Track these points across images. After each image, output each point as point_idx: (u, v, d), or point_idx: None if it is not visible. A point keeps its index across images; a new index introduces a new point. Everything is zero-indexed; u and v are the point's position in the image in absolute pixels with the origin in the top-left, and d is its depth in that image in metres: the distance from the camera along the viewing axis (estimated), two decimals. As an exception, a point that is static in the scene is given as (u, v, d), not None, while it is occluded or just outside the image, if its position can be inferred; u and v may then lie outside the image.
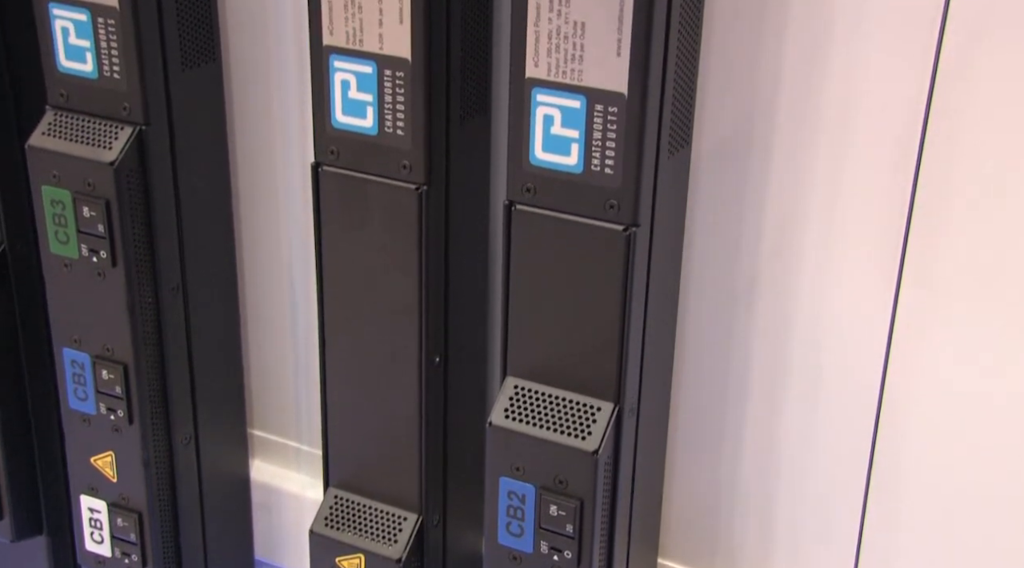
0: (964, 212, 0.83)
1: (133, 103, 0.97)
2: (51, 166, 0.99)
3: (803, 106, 0.86)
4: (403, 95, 0.87)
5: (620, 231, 0.81)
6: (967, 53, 0.79)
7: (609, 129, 0.78)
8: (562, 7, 0.77)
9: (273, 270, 1.16)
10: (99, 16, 0.94)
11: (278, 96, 1.08)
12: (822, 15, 0.83)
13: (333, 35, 0.88)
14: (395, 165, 0.90)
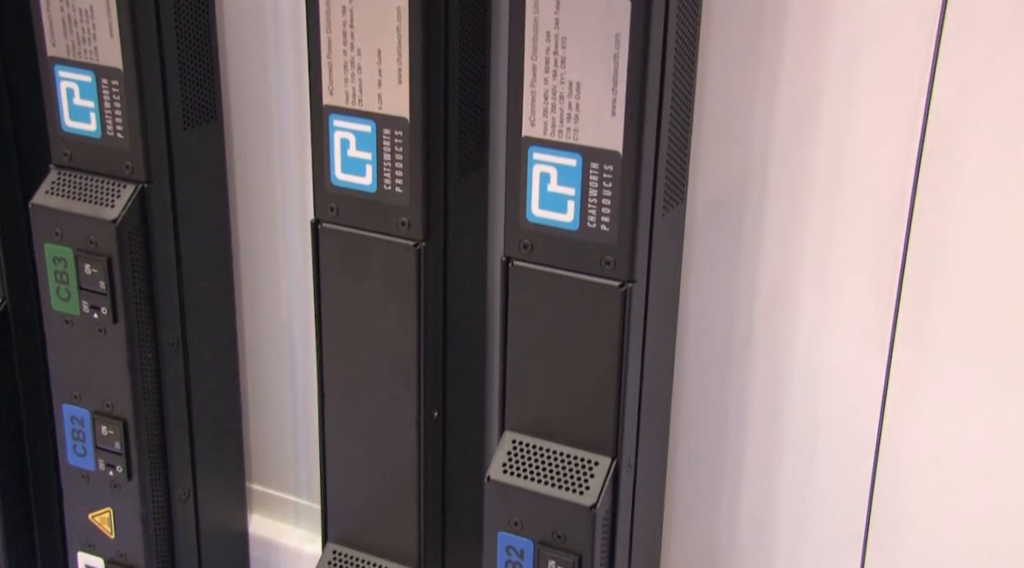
0: (956, 269, 0.84)
1: (135, 161, 0.98)
2: (54, 224, 1.00)
3: (795, 165, 0.87)
4: (402, 153, 0.88)
5: (616, 287, 0.81)
6: (956, 113, 0.81)
7: (605, 187, 0.80)
8: (558, 67, 0.79)
9: (273, 325, 1.17)
10: (103, 77, 0.96)
11: (278, 154, 1.09)
12: (813, 76, 0.84)
13: (333, 95, 0.89)
14: (394, 222, 0.91)
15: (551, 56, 0.78)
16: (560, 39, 0.78)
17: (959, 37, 0.79)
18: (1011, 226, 0.81)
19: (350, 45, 0.87)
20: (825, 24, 0.83)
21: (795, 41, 0.84)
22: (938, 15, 0.79)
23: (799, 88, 0.85)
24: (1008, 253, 0.82)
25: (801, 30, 0.84)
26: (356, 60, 0.87)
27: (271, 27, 1.04)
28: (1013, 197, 0.81)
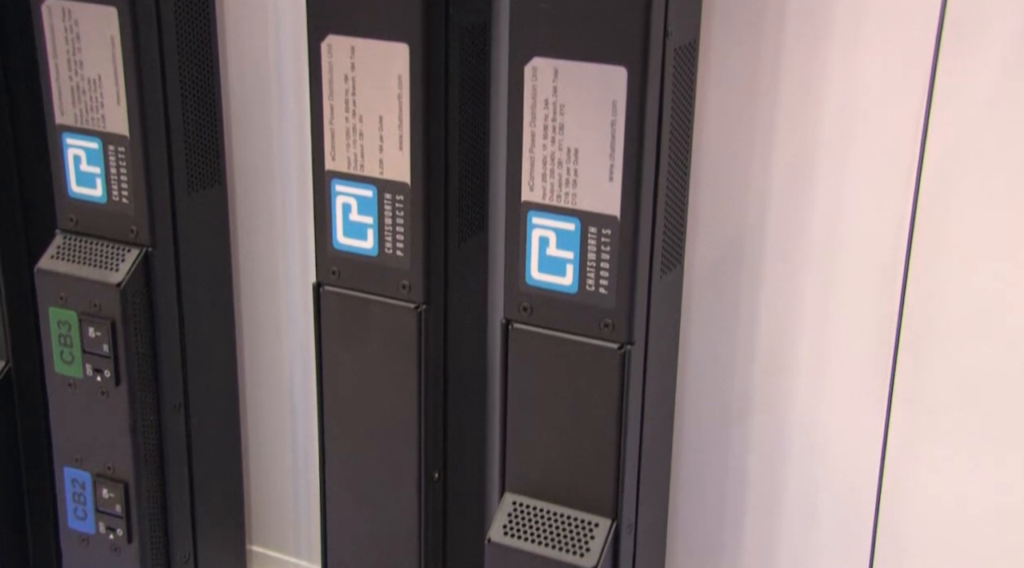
0: (951, 331, 0.85)
1: (140, 226, 0.99)
2: (59, 288, 1.01)
3: (791, 228, 0.88)
4: (403, 218, 0.90)
5: (615, 349, 0.82)
6: (947, 180, 0.82)
7: (603, 250, 0.81)
8: (556, 134, 0.80)
9: (274, 387, 1.17)
10: (110, 144, 0.98)
11: (281, 217, 1.11)
12: (807, 142, 0.86)
13: (335, 161, 0.91)
14: (395, 285, 0.92)
15: (549, 123, 0.80)
16: (558, 106, 0.79)
17: (948, 107, 0.81)
18: (1004, 290, 0.82)
19: (352, 112, 0.89)
20: (818, 92, 0.84)
21: (789, 107, 0.86)
22: (927, 83, 0.81)
23: (793, 153, 0.87)
24: (1002, 315, 0.83)
25: (795, 97, 0.85)
26: (358, 127, 0.89)
27: (275, 93, 1.06)
28: (1005, 261, 0.82)
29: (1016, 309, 0.82)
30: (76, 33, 0.95)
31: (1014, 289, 0.82)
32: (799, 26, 0.84)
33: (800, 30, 0.84)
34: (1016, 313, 0.82)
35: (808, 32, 0.83)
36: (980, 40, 0.78)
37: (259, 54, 1.05)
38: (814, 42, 0.83)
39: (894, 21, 0.81)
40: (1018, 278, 0.82)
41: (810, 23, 0.83)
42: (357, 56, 0.87)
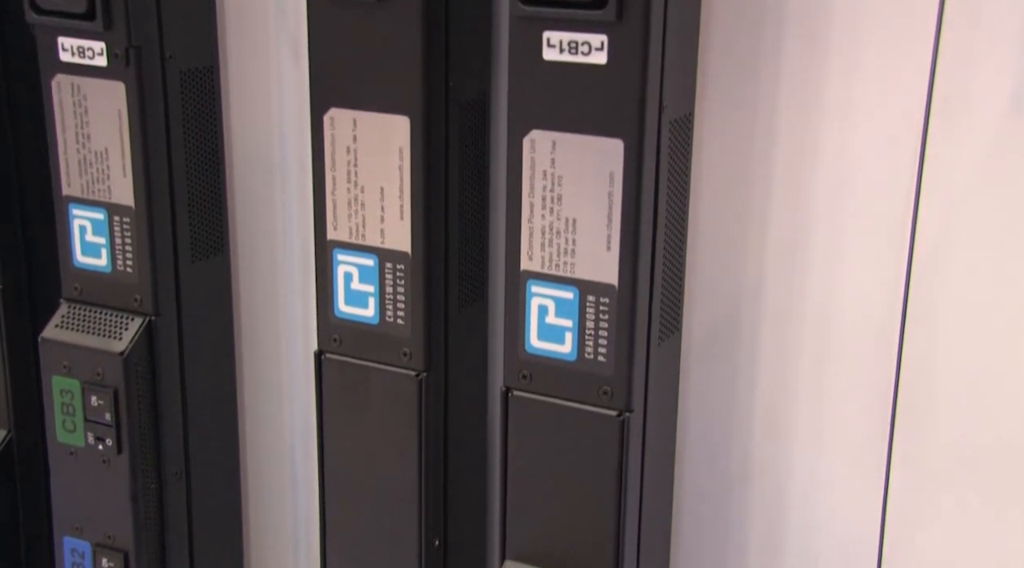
0: (947, 396, 0.85)
1: (144, 295, 1.00)
2: (63, 357, 1.02)
3: (787, 295, 0.89)
4: (403, 286, 0.91)
5: (614, 417, 0.83)
6: (939, 247, 0.83)
7: (601, 318, 0.82)
8: (554, 204, 0.82)
9: (275, 453, 1.17)
10: (115, 214, 0.99)
11: (283, 285, 1.12)
12: (802, 210, 0.87)
13: (337, 230, 0.92)
14: (396, 353, 0.93)
15: (548, 193, 0.81)
16: (556, 177, 0.81)
17: (939, 176, 0.82)
18: (999, 354, 0.83)
19: (354, 183, 0.90)
20: (811, 162, 0.86)
21: (784, 176, 0.87)
22: (919, 153, 0.83)
23: (788, 221, 0.88)
24: (998, 379, 0.84)
25: (789, 166, 0.87)
26: (359, 197, 0.91)
27: (277, 164, 1.08)
28: (1000, 326, 0.83)
29: (1012, 373, 0.83)
30: (84, 107, 0.97)
31: (1009, 353, 0.83)
32: (792, 97, 0.85)
33: (793, 100, 0.86)
34: (1012, 377, 0.83)
35: (800, 103, 0.85)
36: (969, 112, 0.80)
37: (262, 126, 1.07)
38: (807, 113, 0.85)
39: (885, 91, 0.83)
40: (1012, 342, 0.83)
41: (802, 94, 0.85)
42: (359, 129, 0.89)
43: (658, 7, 0.76)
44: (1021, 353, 0.83)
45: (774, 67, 0.85)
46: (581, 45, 0.77)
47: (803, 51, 0.84)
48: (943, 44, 0.80)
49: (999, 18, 0.78)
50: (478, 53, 0.92)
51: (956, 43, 0.80)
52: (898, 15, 0.81)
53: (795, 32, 0.84)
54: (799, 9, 0.83)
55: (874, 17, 0.81)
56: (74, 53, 0.96)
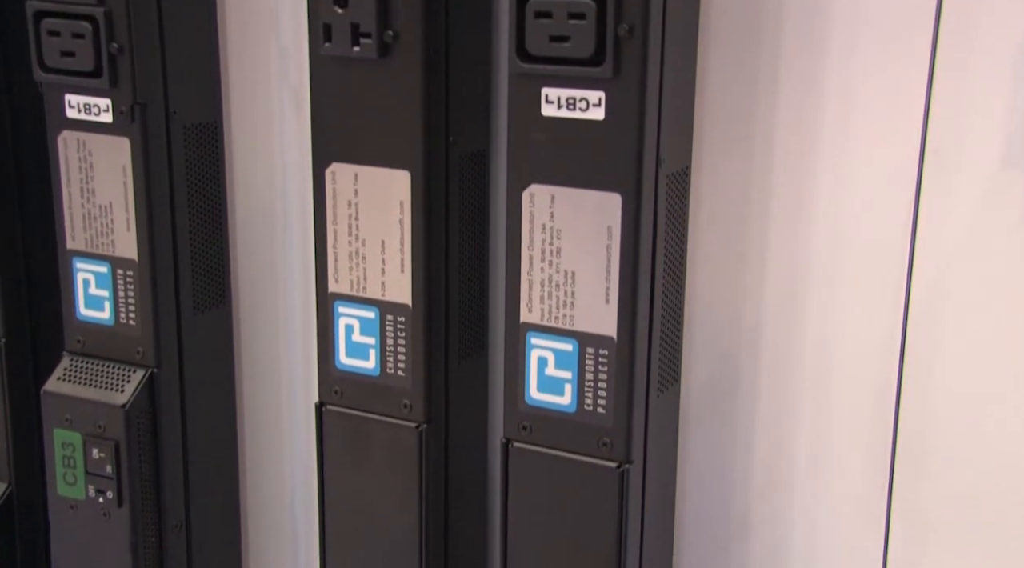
0: (946, 447, 0.86)
1: (146, 347, 1.01)
2: (64, 410, 1.02)
3: (785, 346, 0.90)
4: (404, 338, 0.91)
5: (614, 468, 0.83)
6: (936, 297, 0.84)
7: (600, 370, 0.82)
8: (553, 258, 0.83)
9: (275, 505, 1.17)
10: (119, 268, 1.00)
11: (284, 337, 1.12)
12: (799, 263, 0.88)
13: (338, 283, 0.93)
14: (396, 404, 0.93)
15: (547, 247, 0.82)
16: (555, 231, 0.82)
17: (933, 227, 0.83)
18: (997, 404, 0.84)
19: (355, 236, 0.91)
20: (807, 213, 0.87)
21: (780, 228, 0.88)
22: (912, 205, 0.84)
23: (785, 271, 0.89)
24: (997, 429, 0.84)
25: (785, 218, 0.88)
26: (360, 250, 0.91)
27: (279, 217, 1.09)
28: (997, 374, 0.83)
29: (1010, 424, 0.83)
30: (89, 162, 0.99)
31: (1006, 404, 0.83)
32: (787, 149, 0.87)
33: (788, 153, 0.87)
34: (1011, 428, 0.83)
35: (795, 155, 0.86)
36: (961, 166, 0.82)
37: (265, 179, 1.08)
38: (802, 166, 0.86)
39: (879, 144, 0.84)
40: (1010, 393, 0.83)
41: (797, 146, 0.86)
42: (360, 183, 0.90)
43: (654, 64, 0.78)
44: (1019, 404, 0.83)
45: (769, 120, 0.87)
46: (579, 101, 0.79)
47: (797, 104, 0.86)
48: (934, 99, 0.81)
49: (989, 74, 0.79)
50: (478, 108, 0.94)
51: (947, 99, 0.81)
52: (890, 71, 0.82)
53: (790, 85, 0.85)
54: (793, 64, 0.85)
55: (867, 72, 0.83)
56: (80, 110, 0.97)
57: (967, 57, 0.80)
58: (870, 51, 0.82)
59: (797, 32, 0.84)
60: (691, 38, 0.84)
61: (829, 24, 0.83)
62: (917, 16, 0.80)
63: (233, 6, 1.05)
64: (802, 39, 0.84)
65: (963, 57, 0.80)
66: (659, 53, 0.78)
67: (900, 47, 0.81)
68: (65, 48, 0.94)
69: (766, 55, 0.86)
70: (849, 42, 0.83)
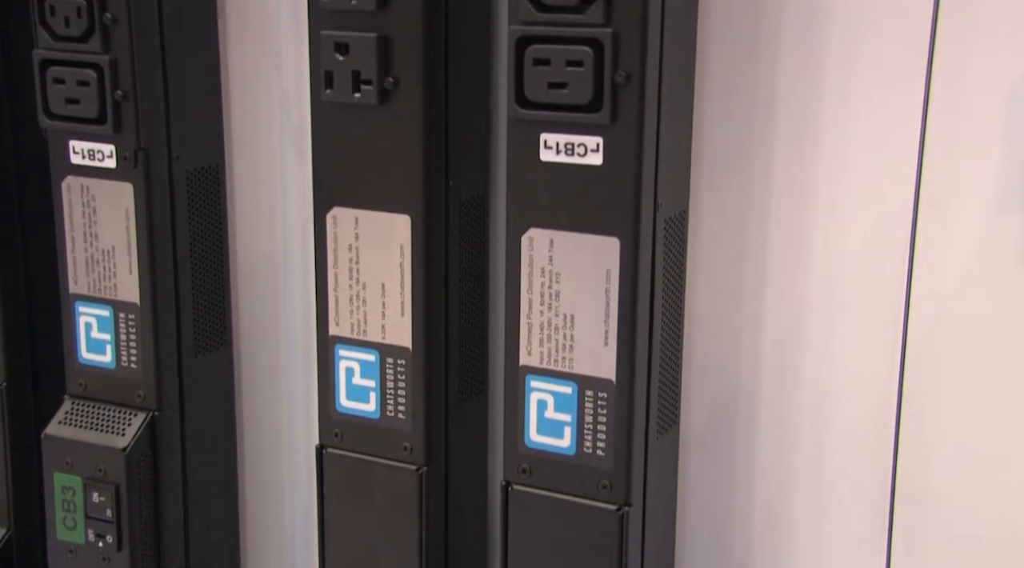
0: (945, 484, 0.86)
1: (147, 390, 1.01)
2: (65, 453, 1.02)
3: (783, 387, 0.90)
4: (404, 381, 0.92)
5: (614, 511, 0.83)
6: (933, 339, 0.85)
7: (600, 413, 0.83)
8: (552, 301, 0.83)
9: (276, 549, 1.17)
10: (121, 311, 1.01)
11: (285, 381, 1.13)
12: (796, 304, 0.89)
13: (339, 326, 0.94)
14: (397, 447, 0.93)
15: (546, 290, 0.83)
16: (554, 274, 0.83)
17: (930, 269, 0.84)
18: (995, 443, 0.84)
19: (355, 279, 0.92)
20: (806, 257, 0.88)
21: (777, 271, 0.89)
22: (908, 248, 0.84)
23: (783, 315, 0.89)
24: (995, 469, 0.84)
25: (782, 262, 0.89)
26: (361, 294, 0.92)
27: (280, 261, 1.10)
28: (994, 414, 0.84)
29: (1009, 465, 0.84)
30: (93, 207, 1.00)
31: (1005, 444, 0.84)
32: (783, 192, 0.88)
33: (784, 196, 0.88)
34: (1009, 469, 0.84)
35: (791, 198, 0.87)
36: (957, 210, 0.82)
37: (266, 223, 1.09)
38: (798, 207, 0.87)
39: (874, 188, 0.85)
40: (1008, 434, 0.83)
41: (793, 189, 0.87)
42: (361, 226, 0.91)
43: (651, 110, 0.79)
44: (1017, 445, 0.83)
45: (766, 164, 0.88)
46: (577, 147, 0.80)
47: (793, 147, 0.87)
48: (929, 141, 0.82)
49: (983, 116, 0.80)
50: (477, 153, 0.95)
51: (941, 141, 0.82)
52: (884, 114, 0.83)
53: (785, 128, 0.87)
54: (789, 105, 0.86)
55: (861, 115, 0.84)
56: (84, 155, 0.98)
57: (961, 99, 0.81)
58: (864, 93, 0.83)
59: (792, 74, 0.85)
60: (688, 83, 0.86)
61: (824, 67, 0.84)
62: (911, 58, 0.82)
63: (235, 52, 1.06)
64: (797, 81, 0.85)
65: (957, 99, 0.81)
66: (656, 99, 0.79)
67: (894, 89, 0.82)
68: (70, 95, 0.96)
69: (762, 97, 0.87)
70: (844, 83, 0.84)
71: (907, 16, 0.81)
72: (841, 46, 0.83)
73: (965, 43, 0.80)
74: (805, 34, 0.84)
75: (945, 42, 0.81)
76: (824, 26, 0.84)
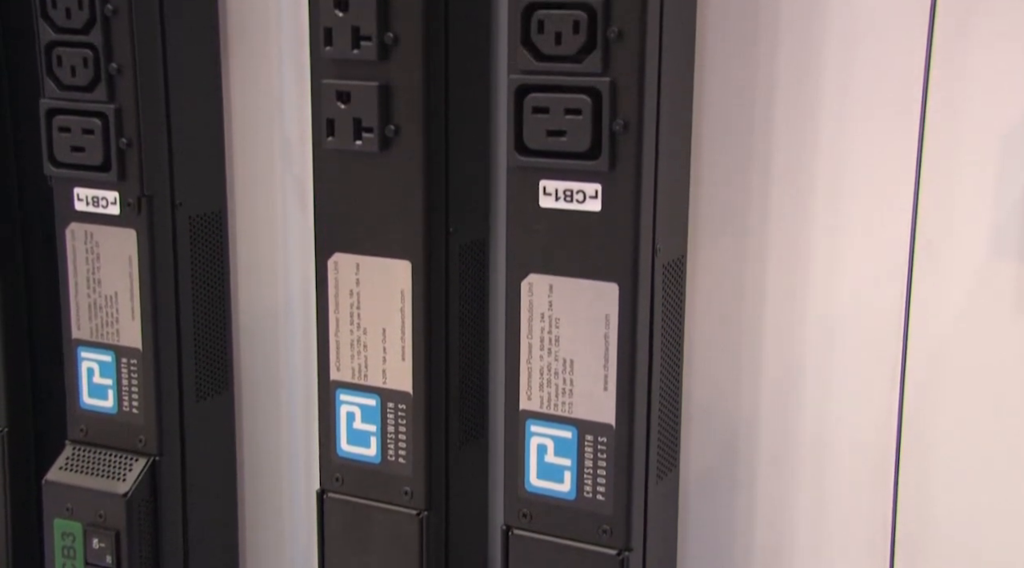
0: (944, 529, 0.86)
1: (149, 435, 1.02)
2: (65, 499, 1.02)
3: (782, 432, 0.91)
4: (405, 426, 0.92)
5: (614, 555, 0.83)
6: (932, 379, 0.85)
7: (599, 458, 0.83)
8: (552, 346, 0.84)
9: (274, 594, 1.17)
10: (123, 357, 1.01)
11: (286, 425, 1.13)
12: (794, 350, 0.89)
13: (340, 371, 0.94)
14: (397, 492, 0.93)
15: (546, 335, 0.84)
16: (554, 319, 0.83)
17: (926, 313, 0.85)
18: (994, 489, 0.84)
19: (356, 324, 0.93)
20: (802, 301, 0.88)
21: (775, 315, 0.90)
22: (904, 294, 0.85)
23: (781, 359, 0.90)
24: (994, 513, 0.84)
25: (780, 306, 0.89)
26: (362, 339, 0.93)
27: (282, 306, 1.11)
28: (992, 461, 0.84)
29: (1008, 511, 0.84)
30: (96, 253, 1.00)
31: (1004, 491, 0.84)
32: (780, 238, 0.88)
33: (781, 241, 0.88)
34: (1008, 513, 0.84)
35: (789, 243, 0.88)
36: (952, 255, 0.83)
37: (268, 268, 1.10)
38: (795, 253, 0.88)
39: (870, 234, 0.86)
40: (1007, 480, 0.84)
41: (791, 236, 0.88)
42: (362, 272, 0.92)
43: (649, 157, 0.80)
44: (1016, 492, 0.84)
45: (763, 209, 0.89)
46: (576, 193, 0.81)
47: (790, 194, 0.87)
48: (923, 191, 0.83)
49: (976, 165, 0.81)
50: (477, 199, 0.96)
51: (935, 190, 0.83)
52: (880, 161, 0.84)
53: (782, 176, 0.88)
54: (786, 153, 0.87)
55: (858, 159, 0.85)
56: (88, 202, 0.99)
57: (954, 148, 0.82)
58: (860, 140, 0.84)
59: (788, 122, 0.86)
60: (685, 130, 0.87)
61: (820, 116, 0.85)
62: (905, 107, 0.83)
63: (238, 100, 1.08)
64: (793, 129, 0.86)
65: (950, 148, 0.82)
66: (654, 146, 0.80)
67: (889, 136, 0.84)
68: (75, 144, 0.97)
69: (759, 144, 0.88)
70: (839, 134, 0.85)
71: (901, 68, 0.82)
72: (837, 97, 0.85)
73: (958, 92, 0.81)
74: (801, 85, 0.86)
75: (938, 90, 0.82)
76: (820, 77, 0.85)
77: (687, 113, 0.87)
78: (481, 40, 0.94)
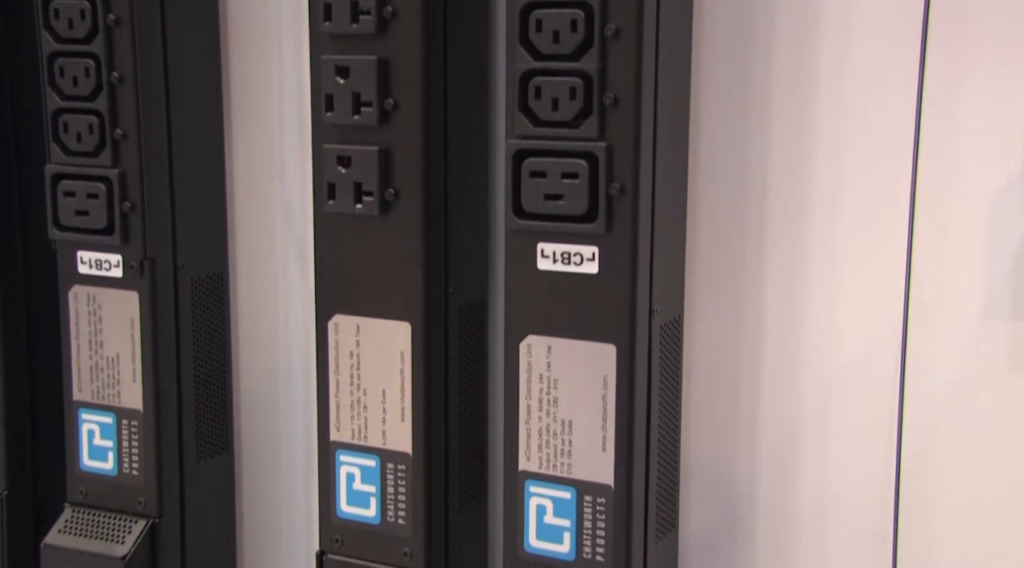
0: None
1: (148, 497, 1.02)
2: (64, 563, 1.02)
3: (781, 492, 0.91)
4: (405, 486, 0.92)
5: (614, 617, 0.83)
6: (930, 439, 0.86)
7: (599, 518, 0.83)
8: (550, 407, 0.84)
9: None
10: (124, 418, 1.02)
11: (286, 486, 1.13)
12: (792, 411, 0.90)
13: (340, 431, 0.94)
14: (397, 552, 0.93)
15: (544, 396, 0.84)
16: (552, 381, 0.84)
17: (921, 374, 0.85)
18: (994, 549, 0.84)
19: (356, 386, 0.93)
20: (799, 363, 0.89)
21: (772, 376, 0.90)
22: (899, 354, 0.86)
23: (779, 420, 0.90)
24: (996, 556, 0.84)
25: (777, 365, 0.90)
26: (362, 400, 0.93)
27: (282, 367, 1.11)
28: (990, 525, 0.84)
29: (1006, 565, 0.84)
30: (99, 316, 1.01)
31: (1002, 551, 0.84)
32: (777, 299, 0.89)
33: (778, 302, 0.89)
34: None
35: (785, 304, 0.89)
36: (946, 317, 0.84)
37: (269, 330, 1.11)
38: (792, 314, 0.89)
39: (865, 297, 0.86)
40: (1005, 540, 0.84)
41: (786, 297, 0.89)
42: (362, 334, 0.92)
43: (645, 220, 0.81)
44: (1016, 547, 0.84)
45: (759, 270, 0.90)
46: (573, 256, 0.82)
47: (785, 253, 0.89)
48: (916, 253, 0.84)
49: (968, 227, 0.83)
50: (476, 261, 0.97)
51: (928, 252, 0.84)
52: (873, 222, 0.85)
53: (777, 238, 0.89)
54: (781, 214, 0.88)
55: (852, 221, 0.86)
56: (91, 265, 1.00)
57: (945, 210, 0.83)
58: (852, 206, 0.86)
59: (783, 184, 0.88)
60: (681, 192, 0.88)
61: (813, 178, 0.87)
62: (895, 173, 0.84)
63: (240, 163, 1.09)
64: (788, 192, 0.88)
65: (941, 210, 0.83)
66: (650, 209, 0.81)
67: (880, 204, 0.85)
68: (79, 208, 0.98)
69: (754, 205, 0.89)
70: (832, 197, 0.86)
71: (891, 134, 0.84)
72: (829, 163, 0.86)
73: (948, 153, 0.83)
74: (793, 148, 0.87)
75: (929, 152, 0.83)
76: (812, 144, 0.86)
77: (683, 176, 0.88)
78: (480, 105, 0.95)
